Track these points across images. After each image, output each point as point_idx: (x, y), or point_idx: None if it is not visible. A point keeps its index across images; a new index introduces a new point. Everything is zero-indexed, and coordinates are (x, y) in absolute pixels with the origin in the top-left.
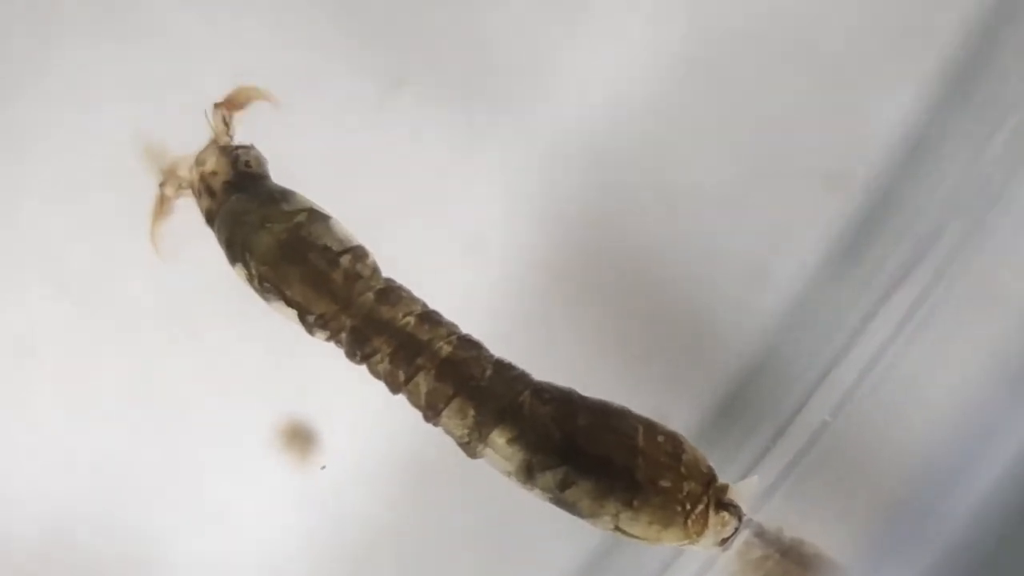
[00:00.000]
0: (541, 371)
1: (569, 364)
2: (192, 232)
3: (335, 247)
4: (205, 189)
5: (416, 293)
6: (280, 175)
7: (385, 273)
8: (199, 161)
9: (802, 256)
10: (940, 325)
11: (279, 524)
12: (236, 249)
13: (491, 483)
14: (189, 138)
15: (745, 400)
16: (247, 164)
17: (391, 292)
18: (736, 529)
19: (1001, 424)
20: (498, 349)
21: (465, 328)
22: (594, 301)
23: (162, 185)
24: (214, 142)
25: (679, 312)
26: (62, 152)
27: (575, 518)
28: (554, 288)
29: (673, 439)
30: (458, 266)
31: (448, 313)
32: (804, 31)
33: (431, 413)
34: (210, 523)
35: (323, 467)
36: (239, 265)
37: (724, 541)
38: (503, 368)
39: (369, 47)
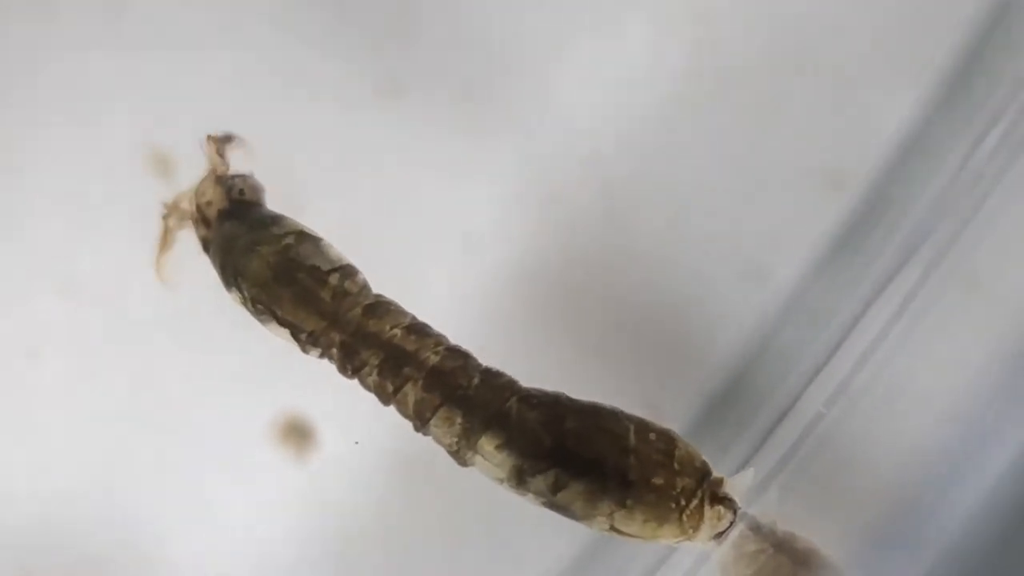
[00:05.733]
0: (538, 367)
1: (566, 360)
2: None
3: (324, 266)
4: (201, 218)
5: (412, 292)
6: (279, 178)
7: (382, 272)
8: (198, 193)
9: (798, 252)
10: (935, 320)
11: (277, 521)
12: (229, 274)
13: (485, 480)
14: (189, 141)
15: (741, 393)
16: (241, 192)
17: (379, 306)
18: (731, 523)
19: (994, 419)
20: (495, 347)
21: (463, 325)
22: (591, 296)
23: (165, 218)
24: (212, 172)
25: (675, 306)
26: (65, 160)
27: None
28: (552, 286)
29: (665, 436)
30: (456, 266)
31: (445, 311)
32: (803, 34)
33: (419, 423)
34: (209, 521)
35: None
36: (233, 289)
37: (719, 535)
38: (490, 376)
39: (368, 50)
